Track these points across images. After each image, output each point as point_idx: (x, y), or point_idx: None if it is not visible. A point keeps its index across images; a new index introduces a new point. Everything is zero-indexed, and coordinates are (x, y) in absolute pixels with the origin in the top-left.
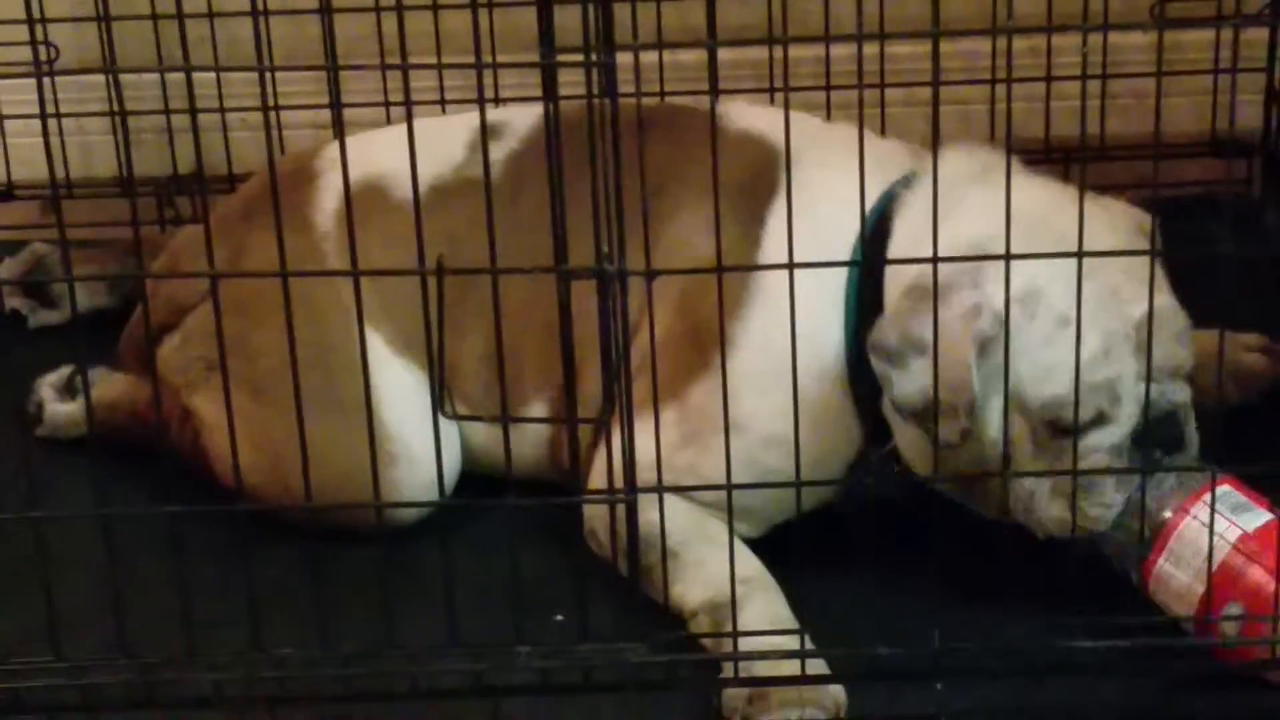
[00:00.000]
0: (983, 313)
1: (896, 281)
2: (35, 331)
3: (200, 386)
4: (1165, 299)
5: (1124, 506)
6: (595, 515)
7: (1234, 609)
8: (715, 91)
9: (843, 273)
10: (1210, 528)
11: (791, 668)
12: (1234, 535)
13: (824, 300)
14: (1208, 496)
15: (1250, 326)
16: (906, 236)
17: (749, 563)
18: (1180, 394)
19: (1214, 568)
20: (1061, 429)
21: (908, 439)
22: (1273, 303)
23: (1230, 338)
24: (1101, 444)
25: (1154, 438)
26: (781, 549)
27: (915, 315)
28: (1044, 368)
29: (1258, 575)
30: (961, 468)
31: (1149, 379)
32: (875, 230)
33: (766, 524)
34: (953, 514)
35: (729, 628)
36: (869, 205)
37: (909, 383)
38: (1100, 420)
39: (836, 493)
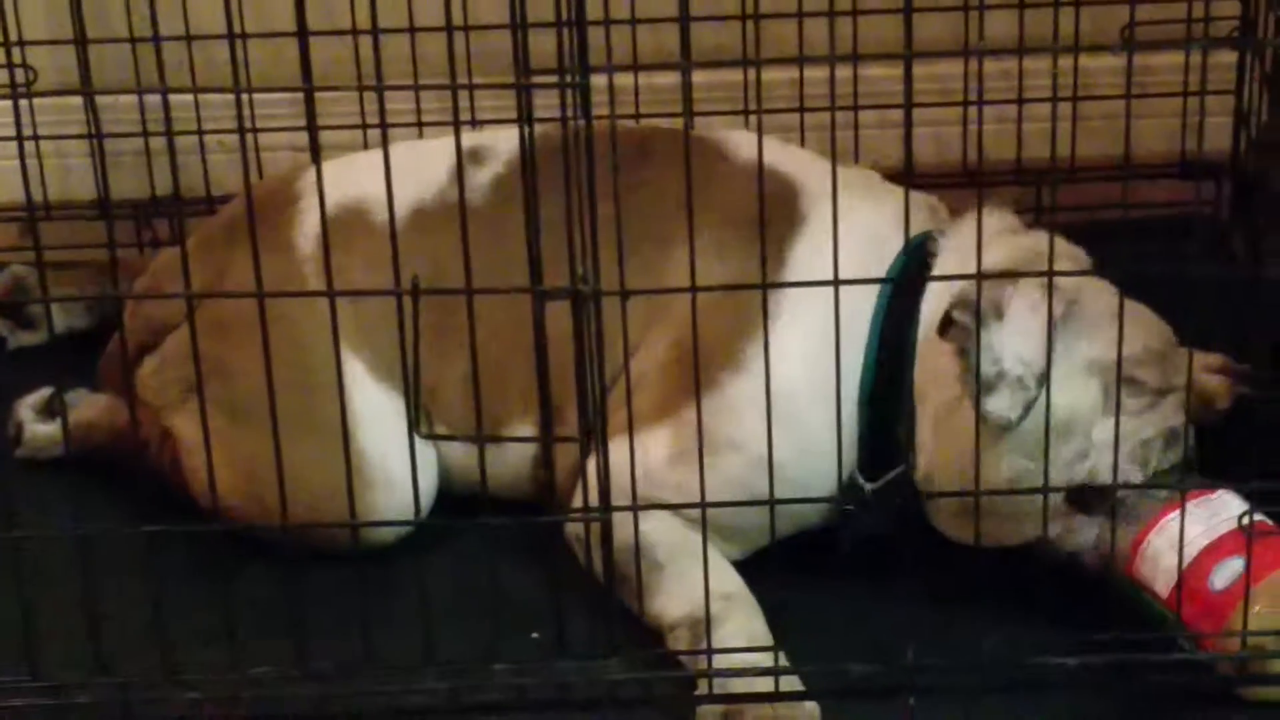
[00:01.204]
0: (1056, 290)
1: (931, 311)
2: (14, 353)
3: (179, 407)
4: None
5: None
6: (575, 525)
7: (1235, 562)
8: (689, 114)
9: (869, 303)
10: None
11: (766, 685)
12: (1257, 519)
13: (851, 330)
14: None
15: (1218, 347)
16: (946, 270)
17: (730, 580)
18: None
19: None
20: (1153, 388)
21: (952, 449)
22: (1240, 324)
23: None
24: (1179, 403)
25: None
26: (760, 566)
27: (999, 285)
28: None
29: (1271, 549)
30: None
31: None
32: (913, 259)
33: (753, 546)
34: (927, 533)
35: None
36: (897, 250)
37: (996, 340)
38: (1169, 388)
39: (826, 519)
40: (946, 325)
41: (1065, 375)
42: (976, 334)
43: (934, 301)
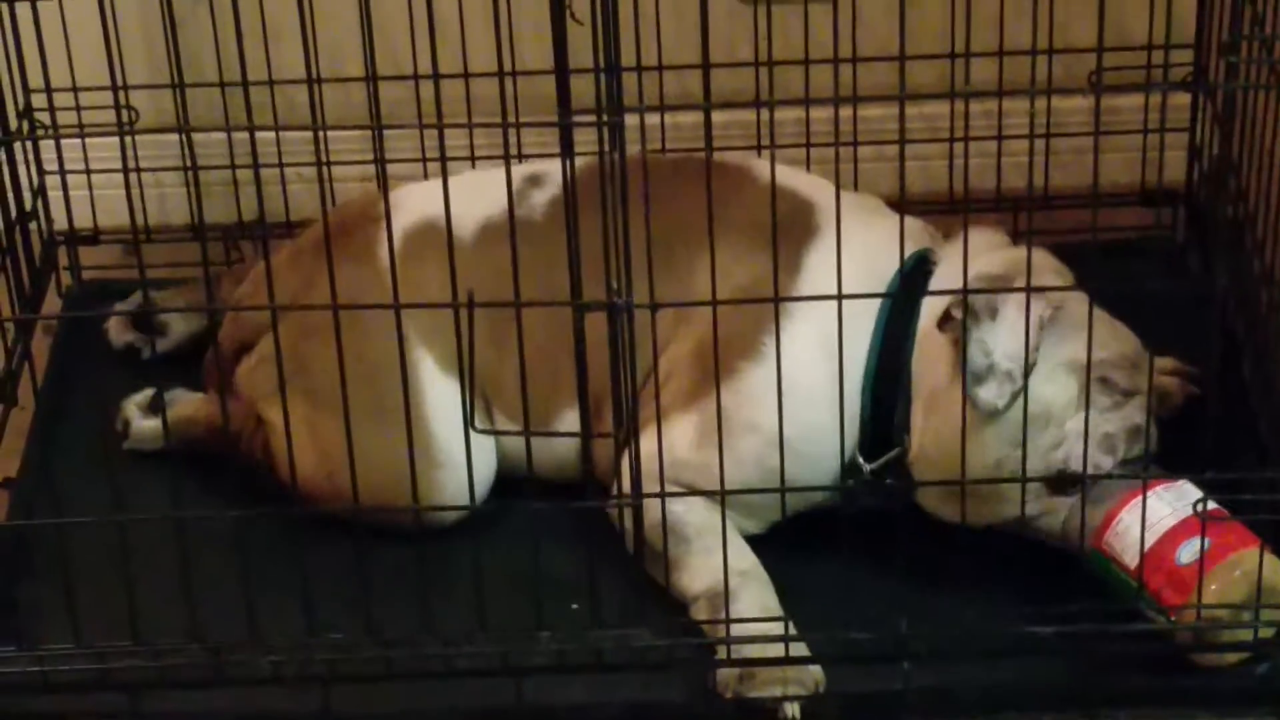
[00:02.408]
0: (1045, 296)
1: (931, 313)
2: (122, 357)
3: (272, 399)
4: None
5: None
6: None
7: (1198, 541)
8: (710, 148)
9: (876, 303)
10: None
11: (777, 650)
12: (1214, 507)
13: (858, 327)
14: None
15: (1172, 352)
16: (944, 276)
17: (746, 557)
18: None
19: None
20: (1122, 389)
21: (942, 432)
22: (1193, 334)
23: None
24: (1141, 404)
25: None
26: (771, 545)
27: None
28: (1098, 340)
29: (1230, 532)
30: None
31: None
32: (916, 268)
33: (768, 521)
34: (920, 515)
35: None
36: (897, 259)
37: (989, 337)
38: (1135, 390)
39: (833, 498)
40: (945, 320)
41: (1048, 372)
42: (964, 330)
43: (933, 303)
